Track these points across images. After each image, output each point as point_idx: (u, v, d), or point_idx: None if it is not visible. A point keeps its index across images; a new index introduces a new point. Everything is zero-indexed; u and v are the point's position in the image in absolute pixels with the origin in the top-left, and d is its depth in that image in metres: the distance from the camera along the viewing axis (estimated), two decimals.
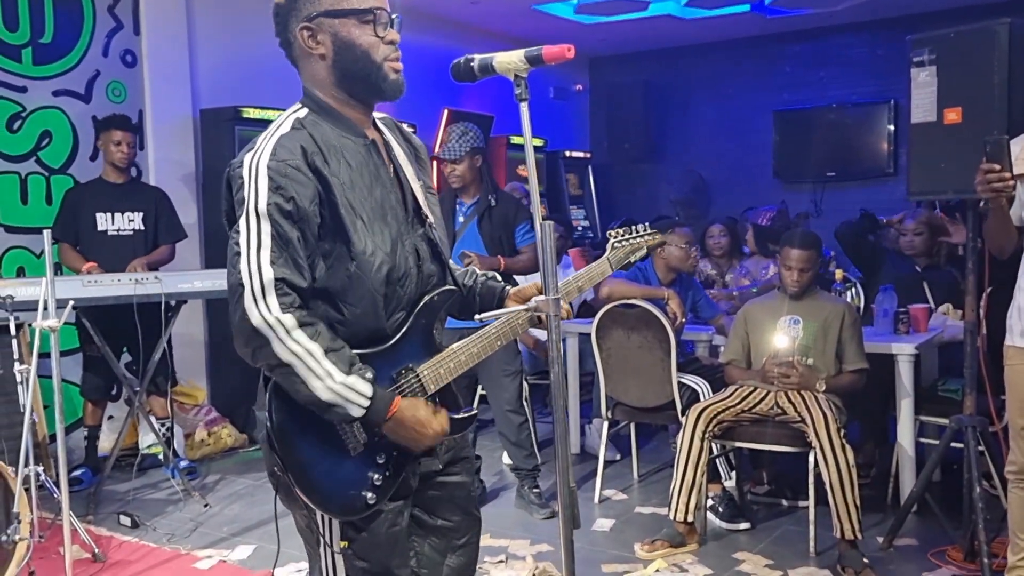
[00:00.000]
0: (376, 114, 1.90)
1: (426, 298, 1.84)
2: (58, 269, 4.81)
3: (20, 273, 4.94)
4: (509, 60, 1.72)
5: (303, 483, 1.71)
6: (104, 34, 5.34)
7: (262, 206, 1.64)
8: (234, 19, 6.03)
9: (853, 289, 4.86)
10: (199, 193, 5.82)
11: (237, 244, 1.66)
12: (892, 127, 7.99)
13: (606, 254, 2.08)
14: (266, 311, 1.62)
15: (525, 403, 4.22)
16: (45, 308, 3.24)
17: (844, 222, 5.15)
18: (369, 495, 1.75)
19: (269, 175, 1.66)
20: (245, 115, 5.56)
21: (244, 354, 1.67)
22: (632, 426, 4.74)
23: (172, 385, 4.89)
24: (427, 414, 1.75)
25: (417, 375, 1.80)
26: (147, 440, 5.05)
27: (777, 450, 3.73)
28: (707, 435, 3.60)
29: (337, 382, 1.64)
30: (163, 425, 4.78)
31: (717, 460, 4.01)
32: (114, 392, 5.16)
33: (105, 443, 5.01)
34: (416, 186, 1.88)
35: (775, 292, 4.05)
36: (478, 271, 2.06)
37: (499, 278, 2.05)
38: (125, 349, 4.62)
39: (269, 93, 5.79)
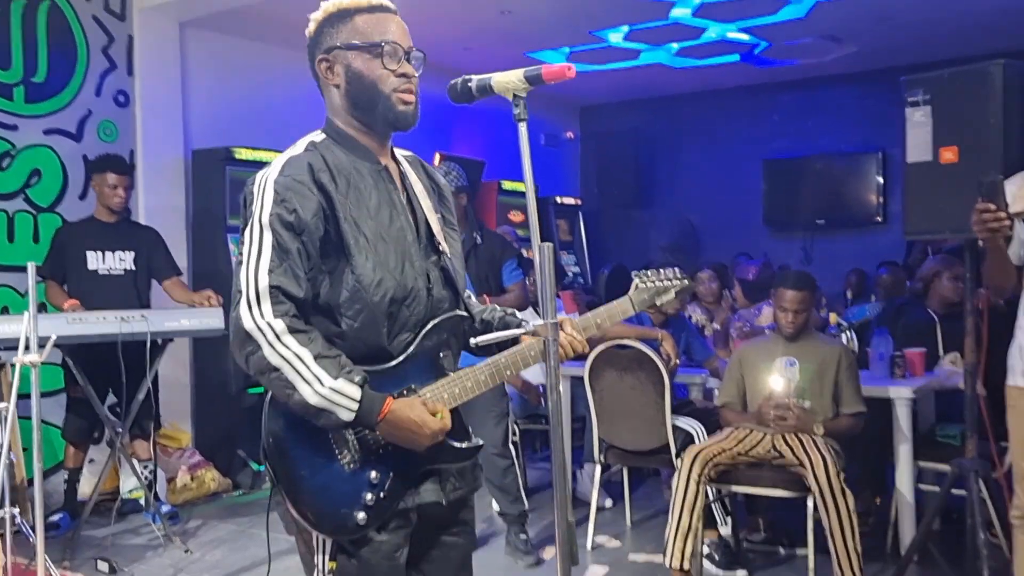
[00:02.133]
0: (403, 151, 1.97)
1: (434, 321, 1.82)
2: (44, 307, 4.75)
3: (5, 312, 4.86)
4: (507, 80, 1.70)
5: (295, 498, 1.72)
6: (97, 74, 5.35)
7: (265, 217, 1.70)
8: (227, 61, 6.06)
9: (847, 333, 4.82)
10: (189, 233, 5.77)
11: (240, 254, 1.72)
12: (881, 177, 8.06)
13: (629, 294, 2.04)
14: (258, 316, 1.65)
15: (511, 447, 4.14)
16: (27, 344, 3.16)
17: None
18: (360, 515, 1.72)
19: (275, 189, 1.72)
20: (237, 156, 5.55)
21: (240, 361, 1.69)
22: (625, 471, 4.65)
23: (156, 428, 4.79)
24: (423, 414, 1.72)
25: (419, 396, 1.77)
26: (128, 484, 4.93)
27: (774, 494, 3.65)
28: (703, 479, 3.53)
29: (326, 386, 1.64)
30: (146, 468, 4.66)
31: (713, 505, 3.92)
32: (97, 435, 5.07)
33: (85, 487, 4.88)
34: (432, 218, 1.90)
35: (770, 334, 4.01)
36: (498, 308, 2.04)
37: (517, 315, 2.02)
38: (111, 391, 4.52)
39: (261, 134, 5.81)
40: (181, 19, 5.71)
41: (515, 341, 1.88)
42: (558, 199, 8.68)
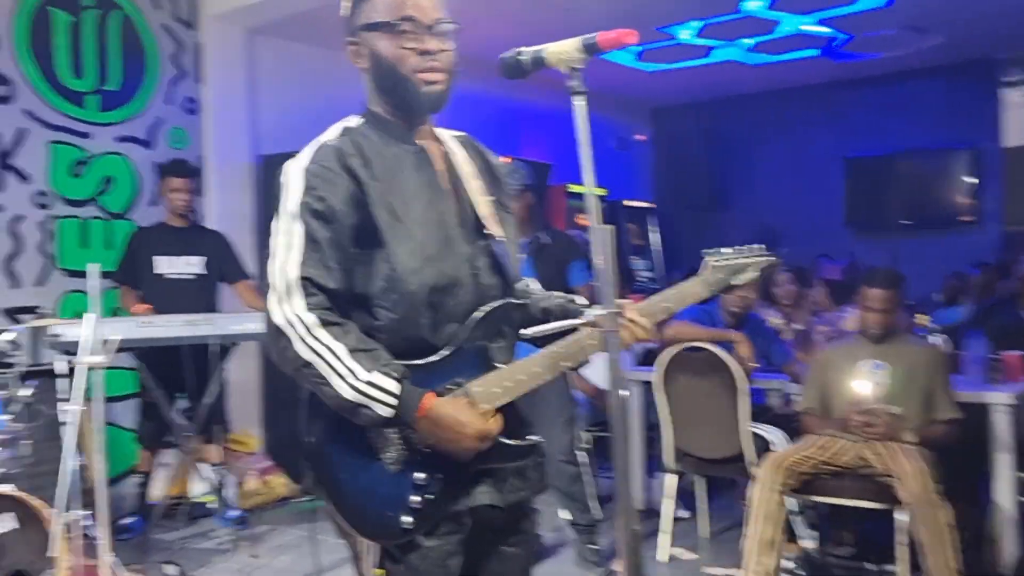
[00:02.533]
0: (453, 132, 1.86)
1: (482, 310, 1.69)
2: (118, 312, 4.80)
3: (78, 317, 4.91)
4: (562, 50, 1.57)
5: (337, 500, 1.64)
6: (167, 81, 5.40)
7: (293, 207, 1.62)
8: (294, 67, 6.08)
9: (938, 336, 4.53)
10: (257, 239, 5.78)
11: (270, 247, 1.63)
12: (973, 176, 7.65)
13: (700, 274, 1.83)
14: (288, 310, 1.56)
15: (580, 453, 3.99)
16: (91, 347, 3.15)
17: None
18: (406, 519, 1.60)
19: (304, 177, 1.64)
20: None
21: (274, 358, 1.62)
22: (700, 480, 4.45)
23: (225, 432, 4.78)
24: (468, 413, 1.59)
25: (466, 391, 1.64)
26: (198, 488, 4.93)
27: (862, 506, 3.42)
28: (783, 488, 3.32)
29: (361, 380, 1.54)
30: (215, 472, 4.66)
31: (795, 517, 3.70)
32: (169, 439, 5.10)
33: (157, 491, 4.90)
34: (480, 199, 1.77)
35: (855, 336, 3.78)
36: (560, 295, 1.89)
37: (580, 301, 1.86)
38: (183, 395, 4.53)
39: None
40: (249, 26, 5.75)
41: (574, 330, 1.72)
42: (628, 202, 8.50)
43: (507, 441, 1.66)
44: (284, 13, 5.52)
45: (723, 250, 1.83)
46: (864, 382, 3.52)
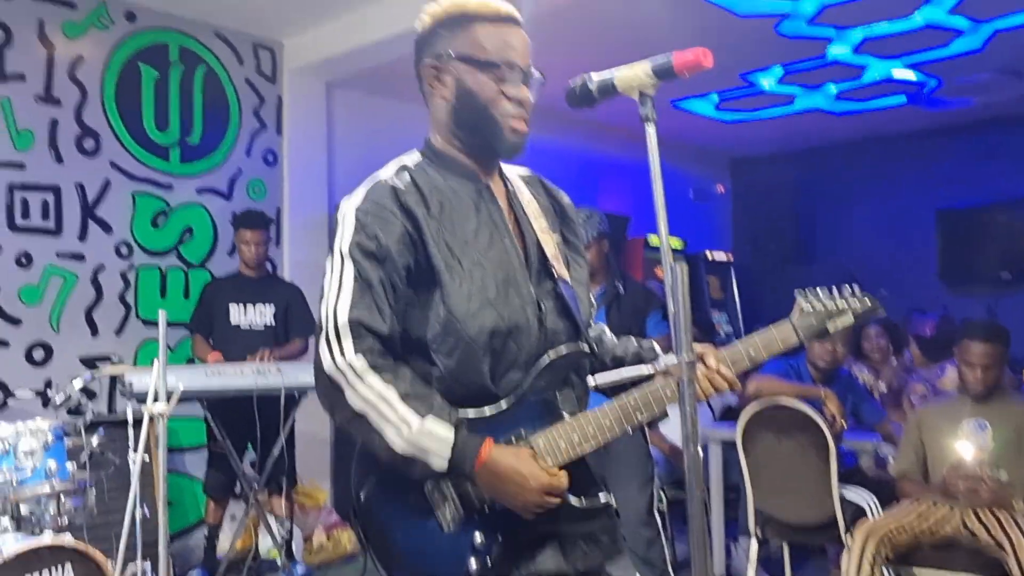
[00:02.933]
0: (518, 169, 1.77)
1: (548, 357, 1.56)
2: (192, 361, 4.82)
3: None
4: (633, 75, 1.45)
5: (388, 563, 1.52)
6: (248, 134, 5.49)
7: (345, 247, 1.53)
8: (370, 119, 6.14)
9: None
10: None
11: (322, 288, 1.55)
12: None
13: (790, 317, 1.68)
14: (339, 355, 1.47)
15: (657, 516, 3.78)
16: (156, 394, 3.13)
17: None
18: None
19: (356, 215, 1.55)
20: None
21: (326, 408, 1.52)
22: (785, 547, 4.17)
23: (292, 485, 4.72)
24: (530, 465, 1.46)
25: (530, 444, 1.51)
26: (266, 543, 4.86)
27: None
28: (879, 559, 3.06)
29: (413, 429, 1.43)
30: (282, 526, 4.58)
31: None
32: (237, 491, 5.06)
33: (225, 544, 4.85)
34: (546, 239, 1.67)
35: (954, 393, 3.51)
36: (635, 340, 1.76)
37: (656, 348, 1.73)
38: (250, 446, 4.50)
39: None
40: (328, 79, 5.83)
41: (650, 379, 1.59)
42: (708, 255, 8.29)
43: (575, 501, 1.52)
44: (361, 67, 5.58)
45: (817, 291, 1.67)
46: (966, 444, 3.25)
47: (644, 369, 1.48)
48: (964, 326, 3.52)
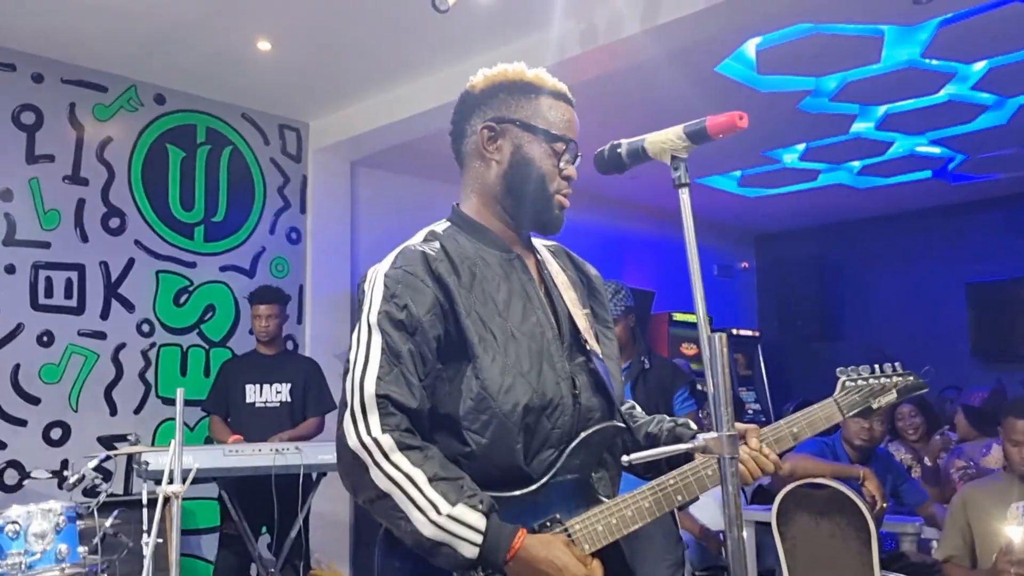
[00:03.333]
0: (543, 241, 1.72)
1: (583, 435, 1.48)
2: (210, 442, 4.74)
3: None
4: (664, 139, 1.40)
5: None
6: (272, 212, 5.52)
7: (373, 316, 1.46)
8: (393, 197, 6.17)
9: None
10: None
11: (347, 360, 1.46)
12: None
13: (834, 395, 1.65)
14: (364, 431, 1.37)
15: None
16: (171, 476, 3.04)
17: None
18: None
19: (385, 283, 1.48)
20: None
21: (348, 487, 1.42)
22: None
23: (306, 568, 4.57)
24: (566, 556, 1.35)
25: (566, 529, 1.43)
26: None
27: None
28: None
29: (443, 514, 1.33)
30: None
31: None
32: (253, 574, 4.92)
33: None
34: (577, 312, 1.61)
35: (1000, 473, 3.35)
36: (668, 418, 1.68)
37: (692, 425, 1.65)
38: (265, 529, 4.38)
39: None
40: (352, 158, 5.88)
41: (687, 459, 1.50)
42: (735, 331, 8.18)
43: None
44: (384, 145, 5.63)
45: (859, 369, 1.60)
46: (1017, 528, 3.08)
47: (682, 446, 1.39)
48: (1010, 403, 3.38)
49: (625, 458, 1.43)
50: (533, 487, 1.45)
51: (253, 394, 4.59)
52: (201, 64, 4.77)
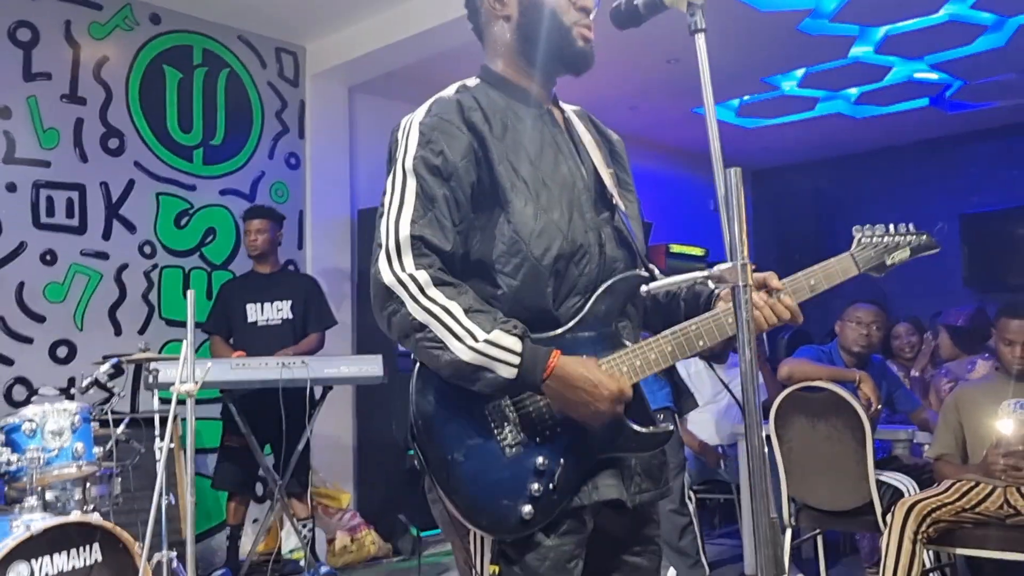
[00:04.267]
0: (569, 105, 1.75)
1: (608, 282, 1.54)
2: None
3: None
4: None
5: (447, 486, 1.45)
6: (271, 137, 5.51)
7: (409, 162, 1.50)
8: (392, 124, 6.15)
9: None
10: (354, 291, 5.79)
11: (382, 204, 1.51)
12: None
13: (850, 250, 1.72)
14: (399, 268, 1.43)
15: (689, 503, 3.71)
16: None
17: None
18: (526, 508, 1.42)
19: (420, 130, 1.53)
20: None
21: (382, 324, 1.48)
22: (819, 541, 4.08)
23: (307, 484, 4.68)
24: (599, 373, 1.42)
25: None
26: (289, 543, 4.81)
27: (1011, 559, 3.03)
28: (920, 537, 2.98)
29: (480, 340, 1.39)
30: (304, 527, 4.53)
31: (932, 574, 3.32)
32: (260, 492, 5.03)
33: (248, 545, 4.80)
34: (603, 170, 1.65)
35: (993, 374, 3.44)
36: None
37: (710, 284, 1.69)
38: (269, 448, 4.45)
39: None
40: (349, 84, 5.86)
41: (708, 307, 1.56)
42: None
43: (638, 428, 1.47)
44: (382, 70, 5.61)
45: (875, 227, 1.67)
46: (1008, 422, 3.18)
47: (698, 274, 1.44)
48: (1003, 306, 3.46)
49: (644, 288, 1.48)
50: (561, 330, 1.50)
51: (255, 313, 4.63)
52: None
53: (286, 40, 5.58)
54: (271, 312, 4.67)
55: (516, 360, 1.39)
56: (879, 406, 3.63)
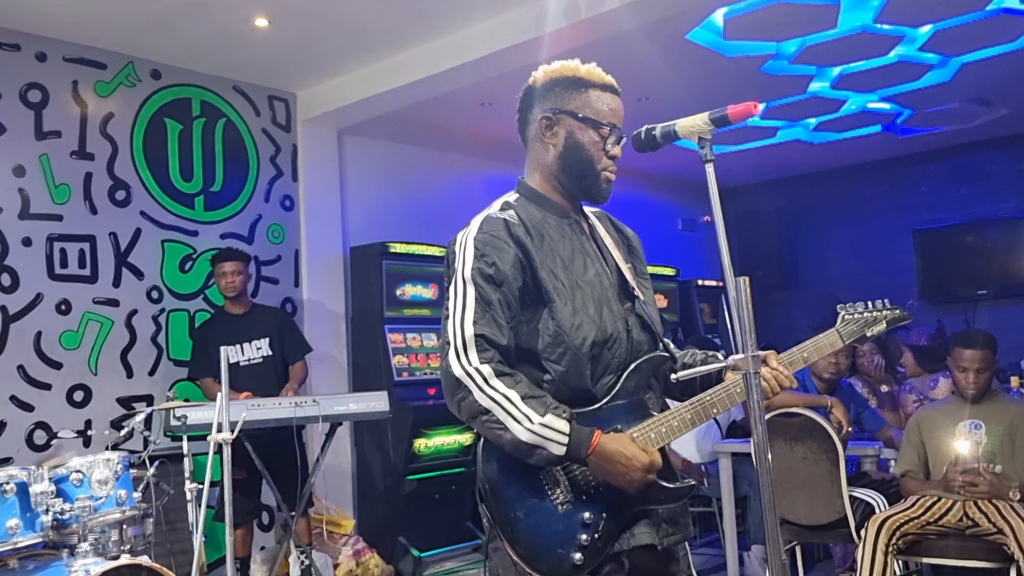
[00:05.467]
0: (589, 208, 2.06)
1: (636, 362, 1.86)
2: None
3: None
4: (692, 124, 1.78)
5: (511, 537, 1.75)
6: (266, 181, 5.77)
7: (467, 272, 1.80)
8: (380, 165, 6.45)
9: None
10: (348, 324, 6.05)
11: (447, 308, 1.81)
12: None
13: (836, 326, 2.03)
14: (467, 363, 1.73)
15: None
16: (220, 426, 3.37)
17: None
18: (577, 556, 1.74)
19: (475, 245, 1.82)
20: (392, 250, 5.82)
21: (452, 408, 1.77)
22: (798, 553, 4.44)
23: (311, 508, 4.97)
24: (632, 448, 1.74)
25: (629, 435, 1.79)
26: (297, 571, 5.05)
27: (972, 566, 3.41)
28: (891, 549, 3.34)
29: (535, 423, 1.69)
30: (303, 553, 4.77)
31: None
32: (266, 521, 5.27)
33: (257, 574, 5.04)
34: (624, 266, 1.98)
35: (950, 397, 3.82)
36: (700, 352, 2.06)
37: (720, 357, 2.03)
38: (265, 480, 4.69)
39: (414, 229, 6.12)
40: (339, 127, 6.13)
41: (719, 381, 1.89)
42: (699, 282, 8.63)
43: (666, 484, 1.79)
44: (370, 115, 5.89)
45: (856, 304, 2.00)
46: (964, 442, 3.55)
47: (717, 365, 1.77)
48: (956, 335, 3.85)
49: (674, 376, 1.82)
50: (598, 404, 1.82)
51: (235, 354, 4.81)
52: (197, 41, 4.98)
53: (278, 88, 5.85)
54: (251, 351, 4.90)
55: (565, 440, 1.70)
56: (850, 428, 4.00)
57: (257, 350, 4.92)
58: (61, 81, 4.87)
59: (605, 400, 1.82)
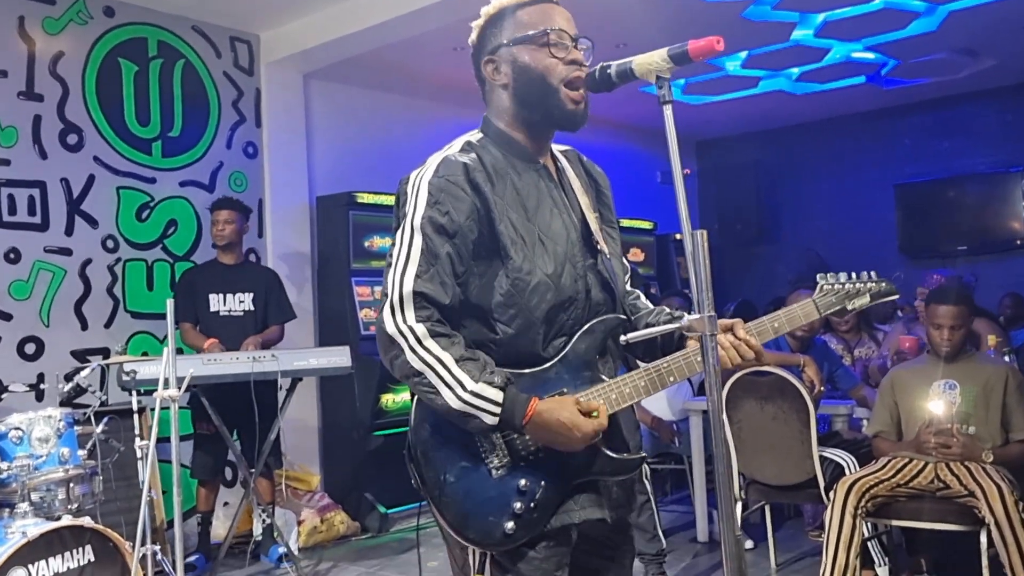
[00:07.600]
0: (558, 146, 1.88)
1: (589, 324, 1.72)
2: (181, 351, 4.87)
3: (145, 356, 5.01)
4: (650, 61, 1.61)
5: (440, 502, 1.65)
6: (228, 127, 5.54)
7: (417, 220, 1.65)
8: (348, 111, 6.22)
9: (1009, 356, 4.43)
10: (314, 276, 5.89)
11: (390, 256, 1.67)
12: None
13: (813, 296, 1.87)
14: (401, 320, 1.60)
15: (646, 481, 3.95)
16: (167, 382, 3.22)
17: None
18: (509, 524, 1.62)
19: (429, 190, 1.66)
20: (359, 200, 5.64)
21: (386, 364, 1.65)
22: (767, 511, 4.38)
23: (279, 467, 4.84)
24: (574, 415, 1.60)
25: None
26: (260, 526, 4.96)
27: (942, 528, 3.33)
28: (859, 512, 3.26)
29: (467, 391, 1.57)
30: (264, 511, 4.68)
31: (870, 543, 3.62)
32: (230, 478, 5.16)
33: (219, 529, 4.94)
34: (590, 216, 1.81)
35: (924, 356, 3.72)
36: (668, 310, 1.90)
37: (686, 315, 1.88)
38: (236, 434, 4.58)
39: (382, 178, 5.92)
40: (304, 71, 5.89)
41: (680, 346, 1.75)
42: (678, 236, 8.49)
43: (611, 453, 1.66)
44: (336, 57, 5.66)
45: (839, 275, 1.85)
46: (937, 402, 3.46)
47: (668, 326, 1.63)
48: (930, 292, 3.74)
49: (623, 337, 1.67)
50: (545, 365, 1.68)
51: (217, 303, 4.73)
52: None
53: (240, 29, 5.60)
54: (233, 303, 4.76)
55: (497, 410, 1.57)
56: (822, 387, 3.90)
57: (240, 303, 4.78)
58: (6, 17, 4.61)
59: (552, 363, 1.69)
